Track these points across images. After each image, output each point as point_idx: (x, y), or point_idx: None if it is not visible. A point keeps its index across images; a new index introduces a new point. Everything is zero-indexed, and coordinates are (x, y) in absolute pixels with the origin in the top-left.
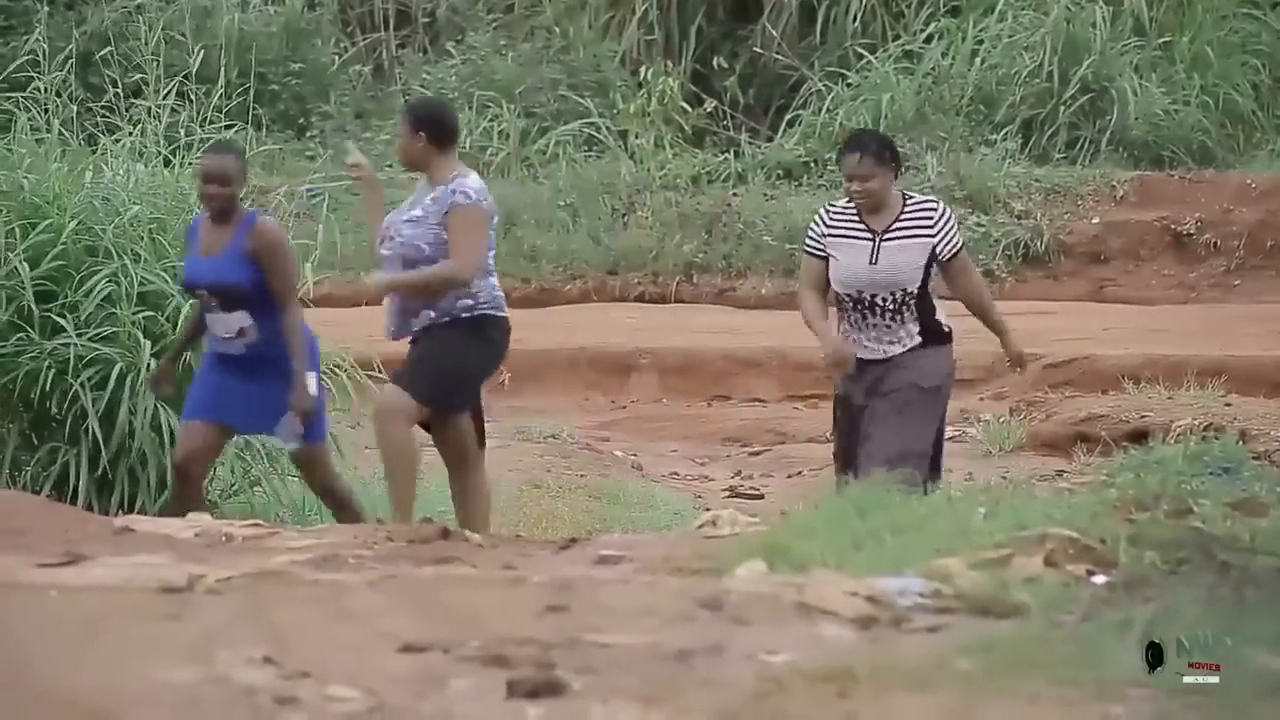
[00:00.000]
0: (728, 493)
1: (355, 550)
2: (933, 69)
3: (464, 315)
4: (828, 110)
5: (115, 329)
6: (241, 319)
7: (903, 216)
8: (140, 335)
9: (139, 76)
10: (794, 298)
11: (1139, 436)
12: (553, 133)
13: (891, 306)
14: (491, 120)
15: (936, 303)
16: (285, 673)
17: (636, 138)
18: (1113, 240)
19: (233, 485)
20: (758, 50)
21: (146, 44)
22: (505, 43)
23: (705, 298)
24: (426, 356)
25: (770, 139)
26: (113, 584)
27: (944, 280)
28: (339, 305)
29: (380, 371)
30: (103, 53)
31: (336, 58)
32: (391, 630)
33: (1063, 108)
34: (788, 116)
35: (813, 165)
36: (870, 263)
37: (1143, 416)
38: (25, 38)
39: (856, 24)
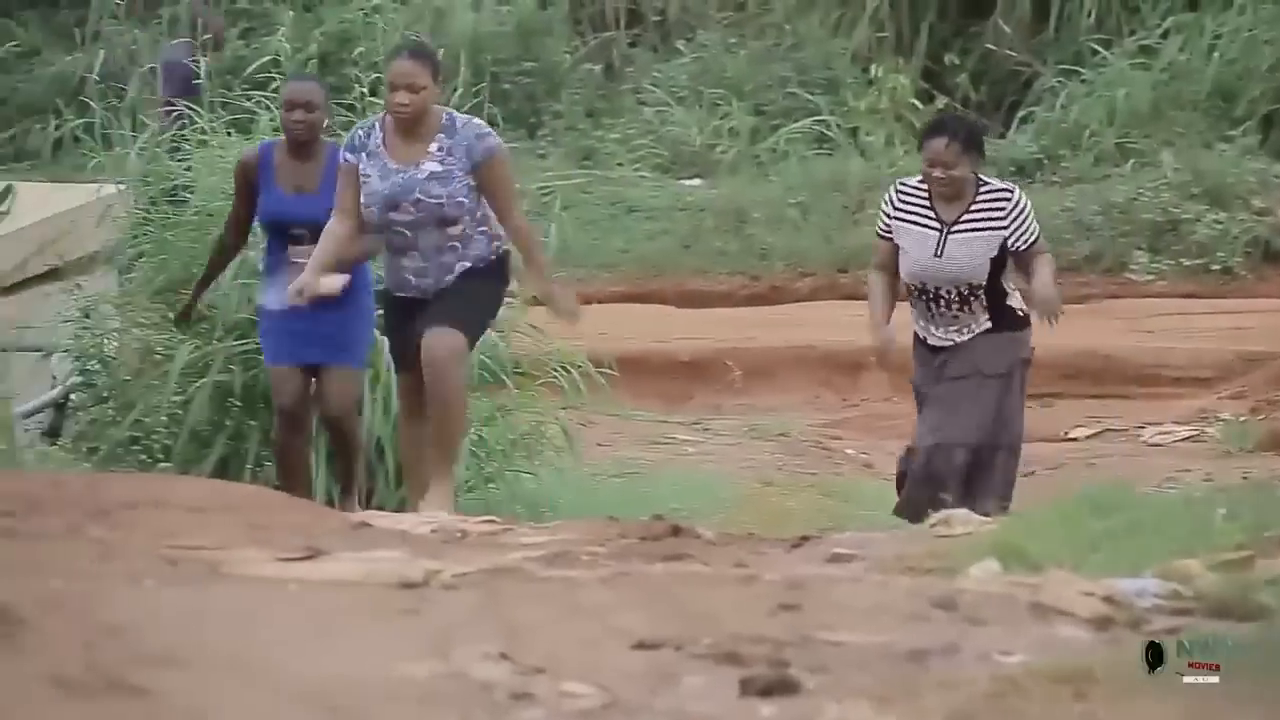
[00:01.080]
0: None
1: (588, 547)
2: (1169, 64)
3: (494, 257)
4: (1061, 106)
5: None
6: None
7: (974, 206)
8: (376, 333)
9: (376, 76)
10: (1025, 294)
11: None
12: (782, 130)
13: (957, 300)
14: (722, 118)
15: (1009, 289)
16: (520, 668)
17: (867, 135)
18: None
19: (468, 482)
20: (990, 46)
21: (383, 44)
22: (735, 40)
23: None
24: (475, 296)
25: (1002, 136)
26: (350, 579)
27: (1015, 266)
28: None
29: (612, 369)
30: (341, 53)
31: (568, 56)
32: (624, 627)
33: None
34: (1020, 113)
35: (1045, 162)
36: (935, 255)
37: None
38: (266, 39)
39: (1091, 19)
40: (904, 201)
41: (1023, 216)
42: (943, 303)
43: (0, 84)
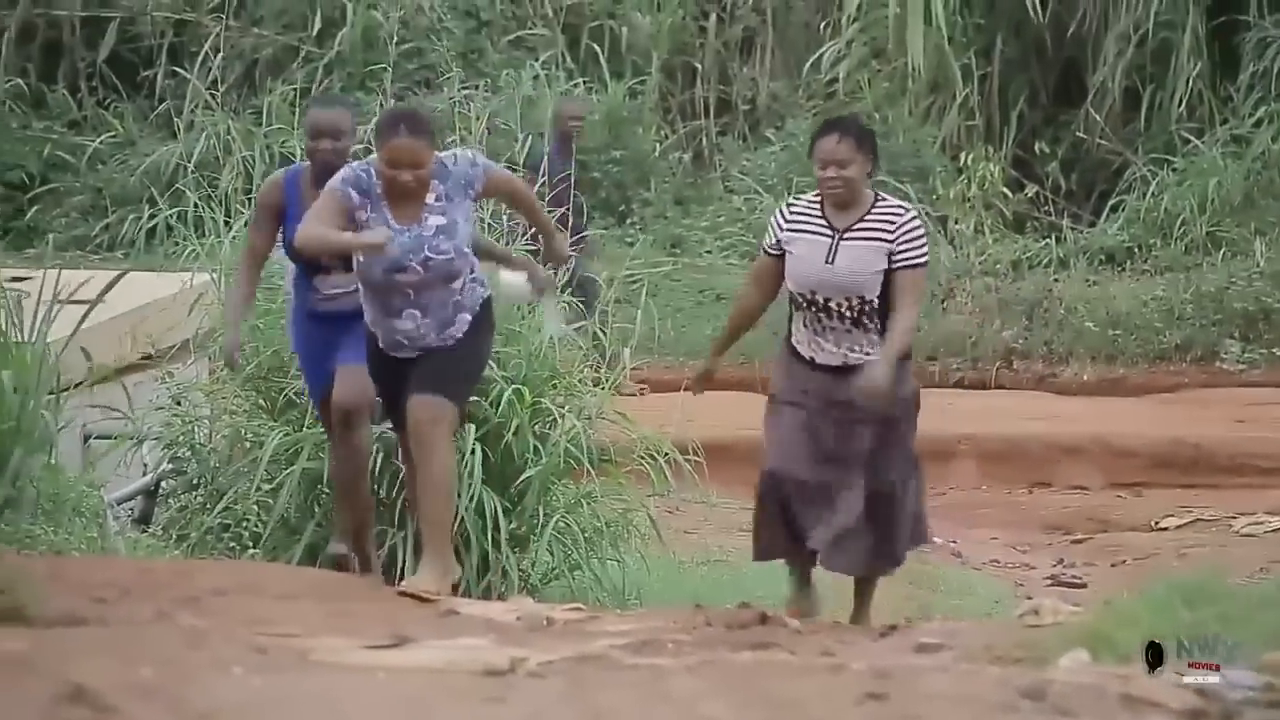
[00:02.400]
0: (1049, 581)
1: (674, 635)
2: (1262, 153)
3: (481, 304)
4: (1152, 195)
5: None
6: (355, 277)
7: (868, 217)
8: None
9: None
10: (1117, 384)
11: None
12: None
13: (850, 314)
14: None
15: None
16: None
17: (956, 223)
18: None
19: (553, 569)
20: (1080, 135)
21: (473, 132)
22: None
23: (1025, 384)
24: (465, 355)
25: (1093, 224)
26: (437, 666)
27: (891, 288)
28: (658, 390)
29: (699, 455)
30: None
31: (657, 145)
32: (710, 716)
33: None
34: (1111, 201)
35: (1136, 251)
36: (827, 262)
37: None
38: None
39: (1182, 108)
40: (795, 214)
41: (912, 233)
42: (834, 315)
43: (96, 174)
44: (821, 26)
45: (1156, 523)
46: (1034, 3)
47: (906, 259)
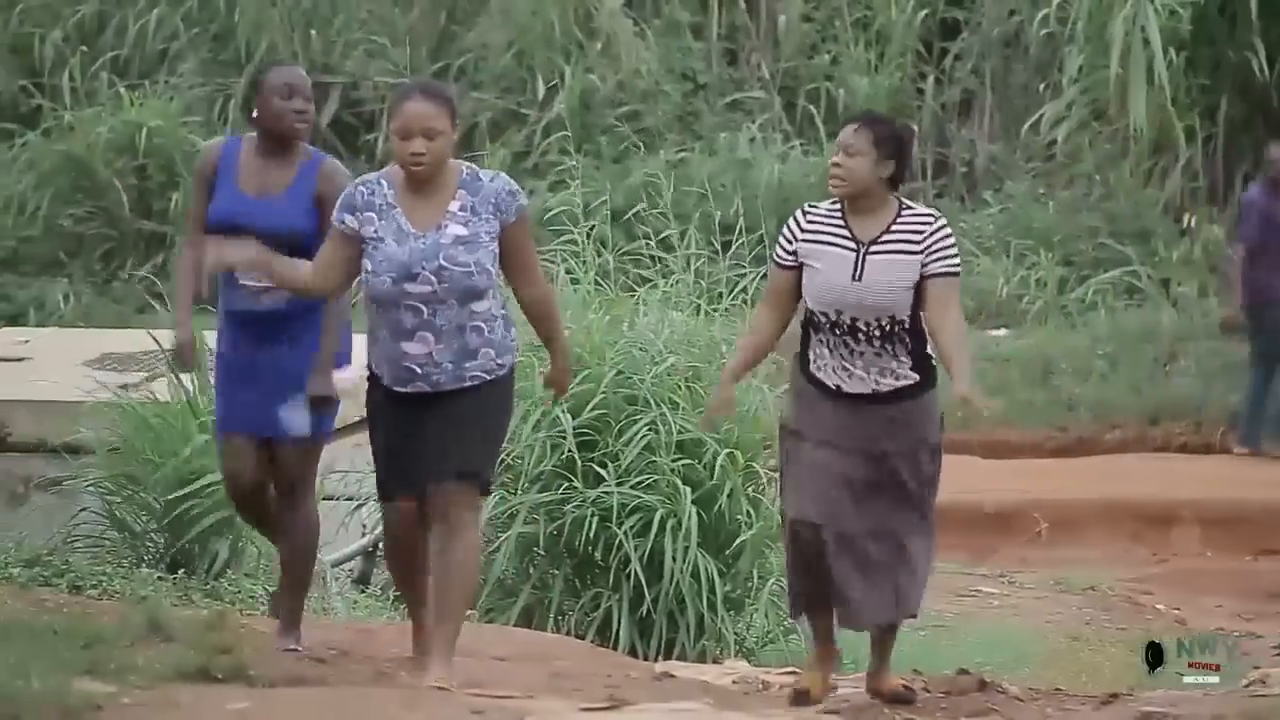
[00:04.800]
0: (1276, 650)
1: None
2: None
3: (511, 363)
4: None
5: (655, 477)
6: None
7: (894, 226)
8: (679, 483)
9: (673, 230)
10: None
11: None
12: (1091, 280)
13: (879, 334)
14: (1029, 268)
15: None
16: None
17: (1179, 285)
18: None
19: (768, 632)
20: None
21: (687, 195)
22: (1044, 191)
23: None
24: (494, 426)
25: None
26: None
27: (921, 299)
28: None
29: None
30: (637, 207)
31: None
32: None
33: None
34: None
35: None
36: (854, 278)
37: None
38: (559, 191)
39: None
40: (812, 223)
41: (942, 241)
42: (861, 337)
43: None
44: (1041, 88)
45: None
46: (1260, 63)
47: (939, 268)
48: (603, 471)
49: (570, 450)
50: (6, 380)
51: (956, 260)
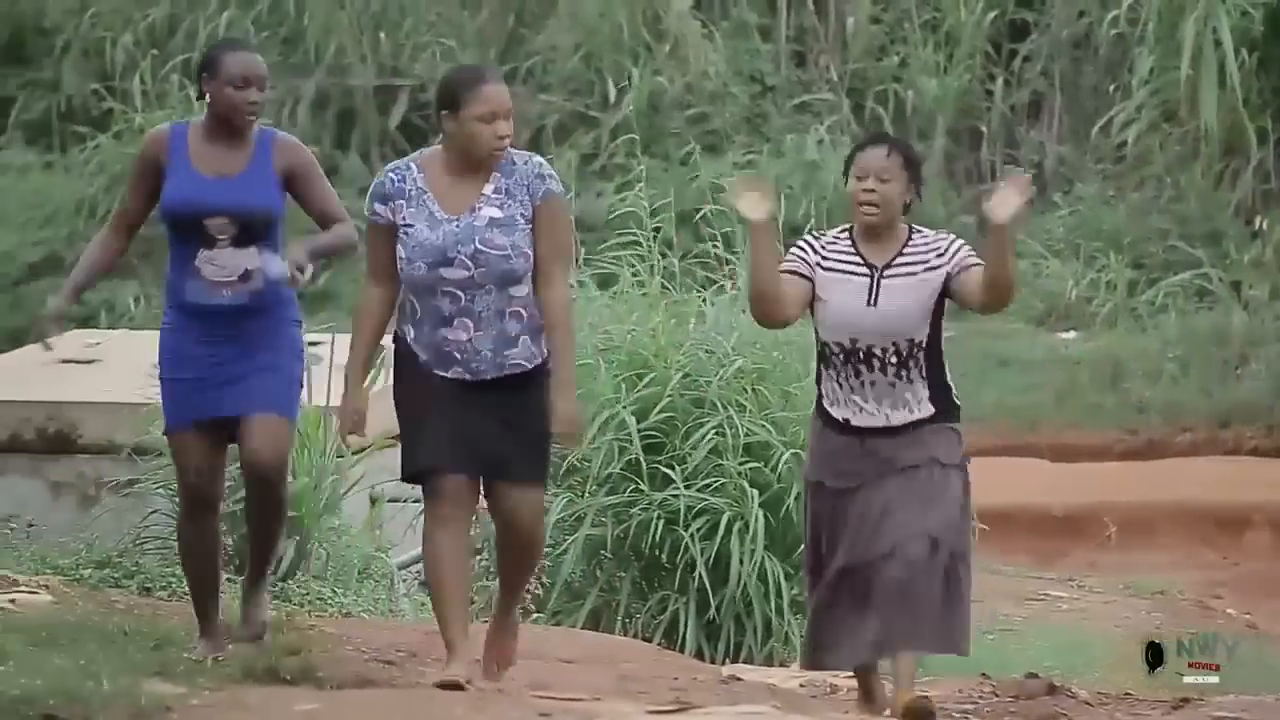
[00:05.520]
0: None
1: (960, 704)
2: None
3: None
4: None
5: (722, 480)
6: (251, 258)
7: (907, 249)
8: (746, 485)
9: (730, 229)
10: None
11: None
12: (1162, 283)
13: (894, 361)
14: (1099, 270)
15: (946, 362)
16: None
17: (1251, 288)
18: None
19: None
20: None
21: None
22: (1114, 193)
23: None
24: (542, 428)
25: None
26: None
27: (962, 296)
28: None
29: (982, 523)
30: (705, 209)
31: (943, 209)
32: None
33: None
34: None
35: None
36: (868, 303)
37: None
38: (624, 194)
39: None
40: (827, 249)
41: (963, 246)
42: (876, 365)
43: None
44: (1111, 89)
45: None
46: None
47: (970, 261)
48: (670, 473)
49: (637, 453)
50: (77, 383)
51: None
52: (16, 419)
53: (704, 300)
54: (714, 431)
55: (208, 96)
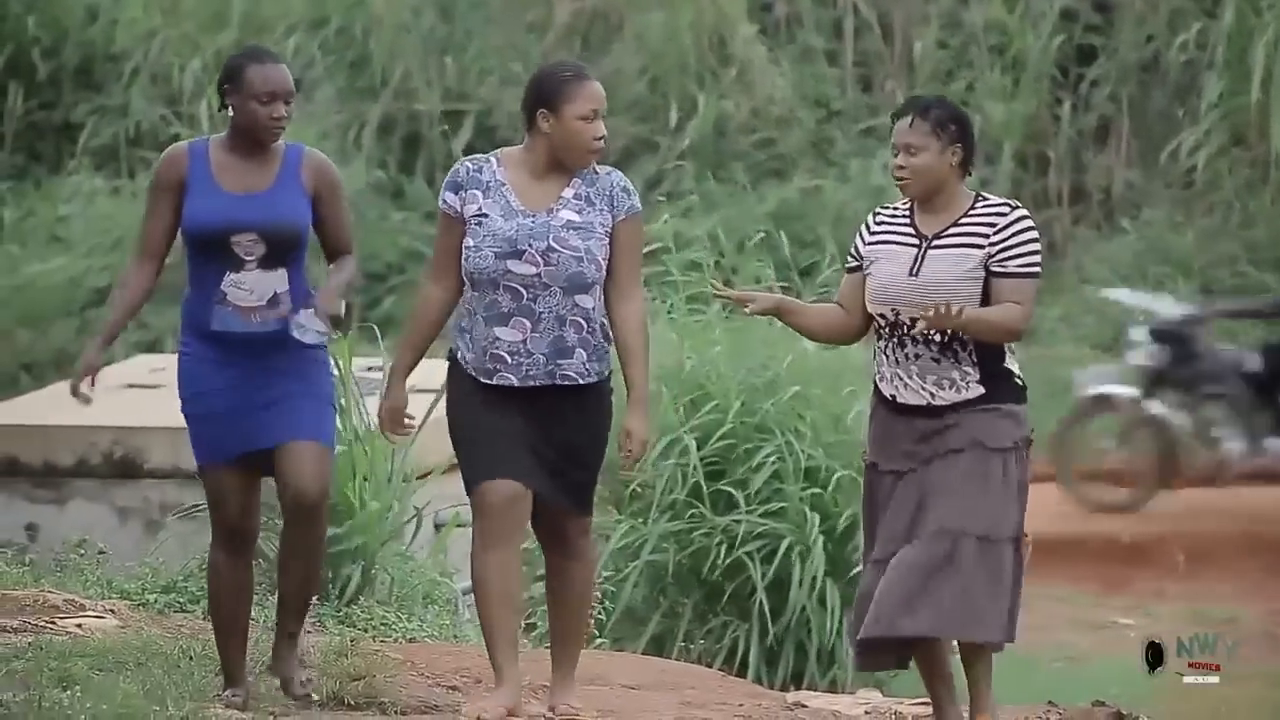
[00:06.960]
0: None
1: None
2: None
3: (605, 369)
4: None
5: (783, 504)
6: (280, 281)
7: (964, 220)
8: (807, 510)
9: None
10: None
11: None
12: None
13: (937, 337)
14: None
15: (1008, 346)
16: None
17: None
18: None
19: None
20: None
21: (821, 222)
22: (1182, 218)
23: None
24: (602, 443)
25: None
26: None
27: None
28: None
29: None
30: (768, 234)
31: None
32: None
33: None
34: None
35: None
36: (910, 273)
37: None
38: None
39: None
40: (881, 223)
41: (1018, 235)
42: (918, 339)
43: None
44: (1179, 113)
45: None
46: None
47: (1011, 266)
48: (734, 496)
49: (698, 479)
50: (142, 408)
51: (1034, 260)
52: (83, 444)
53: (767, 325)
54: (774, 457)
55: (231, 109)
